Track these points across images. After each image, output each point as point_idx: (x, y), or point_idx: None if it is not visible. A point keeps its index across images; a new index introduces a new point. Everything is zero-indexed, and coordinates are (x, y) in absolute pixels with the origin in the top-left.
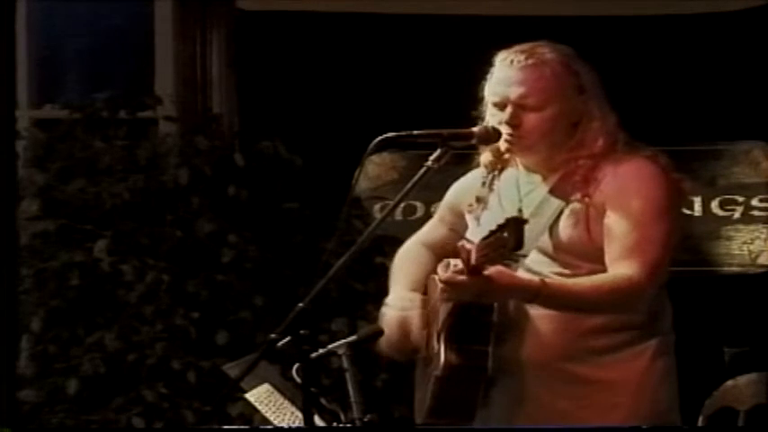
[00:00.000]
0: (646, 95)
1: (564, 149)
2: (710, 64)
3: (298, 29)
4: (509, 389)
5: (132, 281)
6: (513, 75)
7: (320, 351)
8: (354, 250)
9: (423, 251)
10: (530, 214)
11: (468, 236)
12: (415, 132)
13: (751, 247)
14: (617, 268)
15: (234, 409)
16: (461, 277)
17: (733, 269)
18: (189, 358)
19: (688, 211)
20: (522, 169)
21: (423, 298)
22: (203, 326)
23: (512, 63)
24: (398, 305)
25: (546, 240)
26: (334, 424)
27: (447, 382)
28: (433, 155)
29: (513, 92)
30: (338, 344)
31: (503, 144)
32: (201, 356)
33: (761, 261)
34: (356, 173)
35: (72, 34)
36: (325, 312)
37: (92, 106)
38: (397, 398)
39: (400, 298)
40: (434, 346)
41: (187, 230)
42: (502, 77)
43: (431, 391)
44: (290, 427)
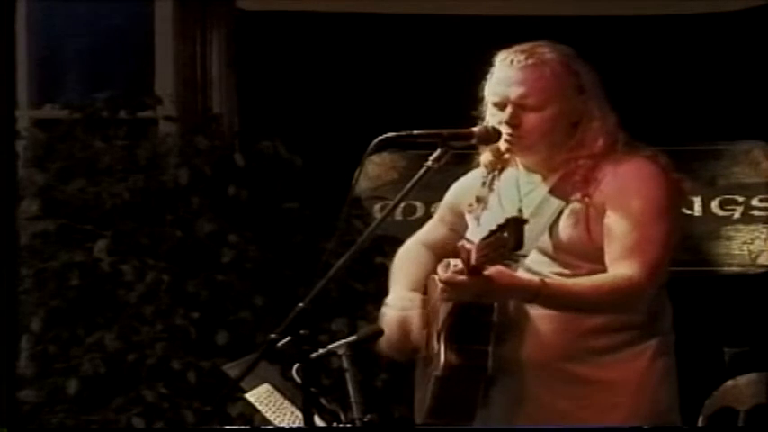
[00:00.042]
0: (646, 95)
1: (564, 149)
2: (710, 64)
3: (298, 29)
4: (509, 389)
5: (132, 281)
6: (513, 75)
7: (320, 351)
8: (354, 250)
9: (423, 251)
10: (530, 214)
11: (468, 236)
12: (415, 132)
13: (751, 247)
14: (617, 268)
15: (234, 409)
16: (461, 277)
17: (733, 269)
18: (189, 358)
19: (688, 211)
20: (522, 169)
21: (423, 298)
22: (203, 326)
23: (512, 63)
24: (398, 305)
25: (546, 240)
26: (334, 424)
27: (447, 382)
28: (433, 155)
29: (513, 92)
30: (338, 344)
31: (503, 144)
32: (201, 356)
33: (761, 261)
34: (356, 173)
35: (72, 34)
36: (325, 312)
37: (92, 106)
38: (397, 398)
39: (400, 298)
40: (434, 346)
41: (187, 230)
42: (502, 77)
43: (431, 391)
44: (290, 427)
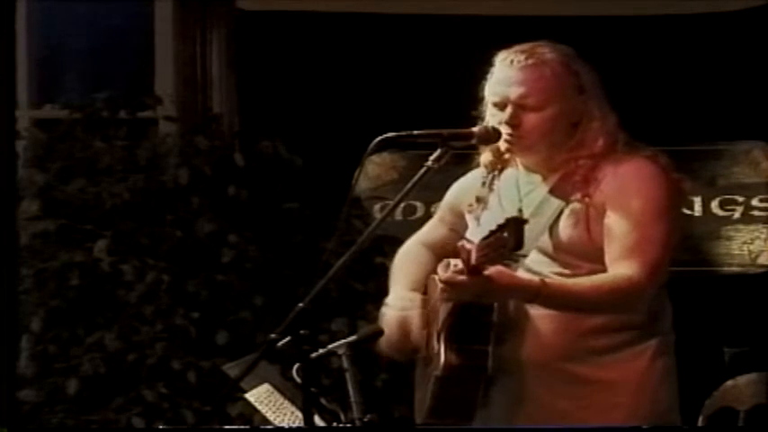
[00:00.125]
0: (646, 95)
1: (564, 149)
2: (710, 64)
3: (298, 29)
4: (509, 389)
5: (132, 281)
6: (513, 75)
7: (320, 351)
8: (354, 250)
9: (423, 251)
10: (530, 214)
11: (468, 236)
12: (415, 132)
13: (751, 247)
14: (617, 268)
15: (234, 409)
16: (461, 277)
17: (733, 269)
18: (189, 358)
19: (688, 211)
20: (522, 169)
21: (423, 298)
22: (203, 326)
23: (512, 63)
24: (398, 305)
25: (546, 240)
26: (334, 424)
27: (447, 381)
28: (433, 155)
29: (514, 92)
30: (338, 344)
31: (503, 144)
32: (201, 356)
33: (761, 261)
34: (356, 173)
35: (72, 34)
36: (325, 312)
37: (92, 106)
38: (397, 398)
39: (400, 298)
40: (434, 346)
41: (187, 230)
42: (502, 77)
43: (431, 391)
44: (290, 427)
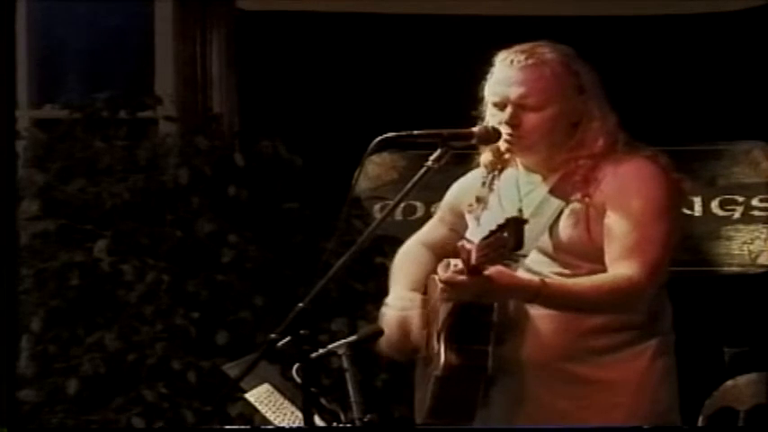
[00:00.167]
0: (646, 95)
1: (564, 149)
2: (710, 64)
3: (298, 29)
4: (509, 389)
5: (132, 281)
6: (513, 75)
7: (320, 351)
8: (354, 250)
9: (423, 251)
10: (530, 214)
11: (468, 236)
12: (415, 132)
13: (751, 247)
14: (617, 268)
15: (234, 409)
16: (461, 277)
17: (733, 269)
18: (189, 358)
19: (688, 211)
20: (522, 169)
21: (423, 298)
22: (203, 326)
23: (512, 63)
24: (398, 305)
25: (546, 240)
26: (334, 424)
27: (447, 381)
28: (433, 155)
29: (513, 92)
30: (338, 344)
31: (503, 144)
32: (201, 356)
33: (761, 261)
34: (356, 173)
35: (72, 34)
36: (325, 312)
37: (92, 106)
38: (397, 398)
39: (400, 298)
40: (434, 346)
41: (187, 230)
42: (502, 77)
43: (431, 391)
44: (290, 427)
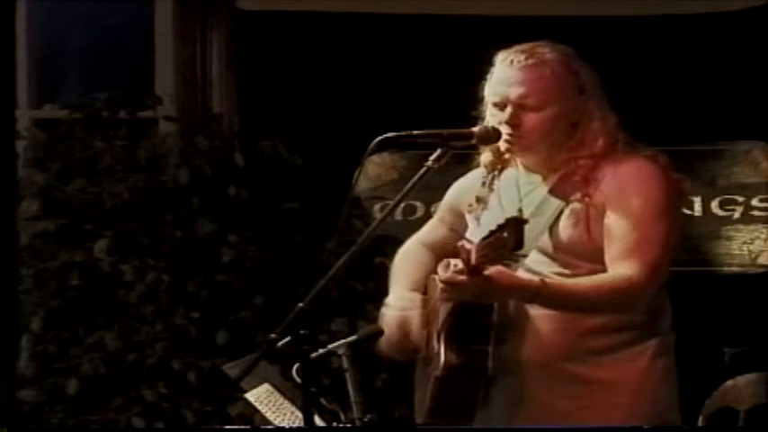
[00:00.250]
0: (646, 95)
1: (564, 149)
2: (710, 64)
3: (298, 29)
4: (509, 389)
5: (132, 281)
6: (513, 75)
7: (320, 351)
8: (354, 250)
9: (423, 251)
10: (530, 214)
11: (468, 236)
12: (415, 132)
13: (751, 247)
14: (617, 268)
15: (234, 409)
16: (461, 277)
17: (733, 269)
18: (189, 358)
19: (688, 211)
20: (522, 169)
21: (423, 298)
22: (203, 326)
23: (512, 63)
24: (398, 305)
25: (546, 240)
26: (334, 424)
27: (447, 382)
28: (433, 155)
29: (513, 92)
30: (338, 344)
31: (503, 144)
32: (201, 356)
33: (761, 261)
34: (356, 173)
35: (72, 34)
36: (325, 312)
37: (92, 106)
38: (397, 398)
39: (400, 298)
40: (434, 346)
41: (187, 230)
42: (502, 77)
43: (431, 391)
44: (290, 427)
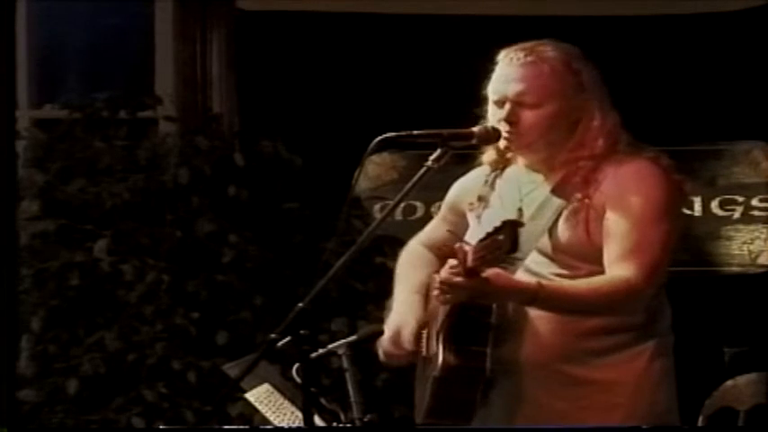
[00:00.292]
0: (647, 95)
1: (564, 149)
2: (710, 64)
3: (298, 29)
4: (507, 390)
5: (132, 281)
6: (512, 72)
7: (320, 351)
8: (354, 250)
9: (425, 253)
10: (530, 215)
11: (469, 235)
12: (415, 132)
13: (751, 247)
14: (615, 270)
15: (234, 409)
16: (458, 278)
17: (733, 269)
18: (189, 358)
19: (688, 211)
20: (524, 168)
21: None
22: (203, 326)
23: (512, 60)
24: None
25: (545, 241)
26: (334, 424)
27: (446, 382)
28: (433, 155)
29: (512, 89)
30: (338, 344)
31: (501, 141)
32: (201, 356)
33: (761, 261)
34: (356, 173)
35: (72, 34)
36: (326, 312)
37: (92, 106)
38: (397, 398)
39: (401, 302)
40: (433, 346)
41: (187, 230)
42: (502, 75)
43: (430, 392)
44: (290, 427)
